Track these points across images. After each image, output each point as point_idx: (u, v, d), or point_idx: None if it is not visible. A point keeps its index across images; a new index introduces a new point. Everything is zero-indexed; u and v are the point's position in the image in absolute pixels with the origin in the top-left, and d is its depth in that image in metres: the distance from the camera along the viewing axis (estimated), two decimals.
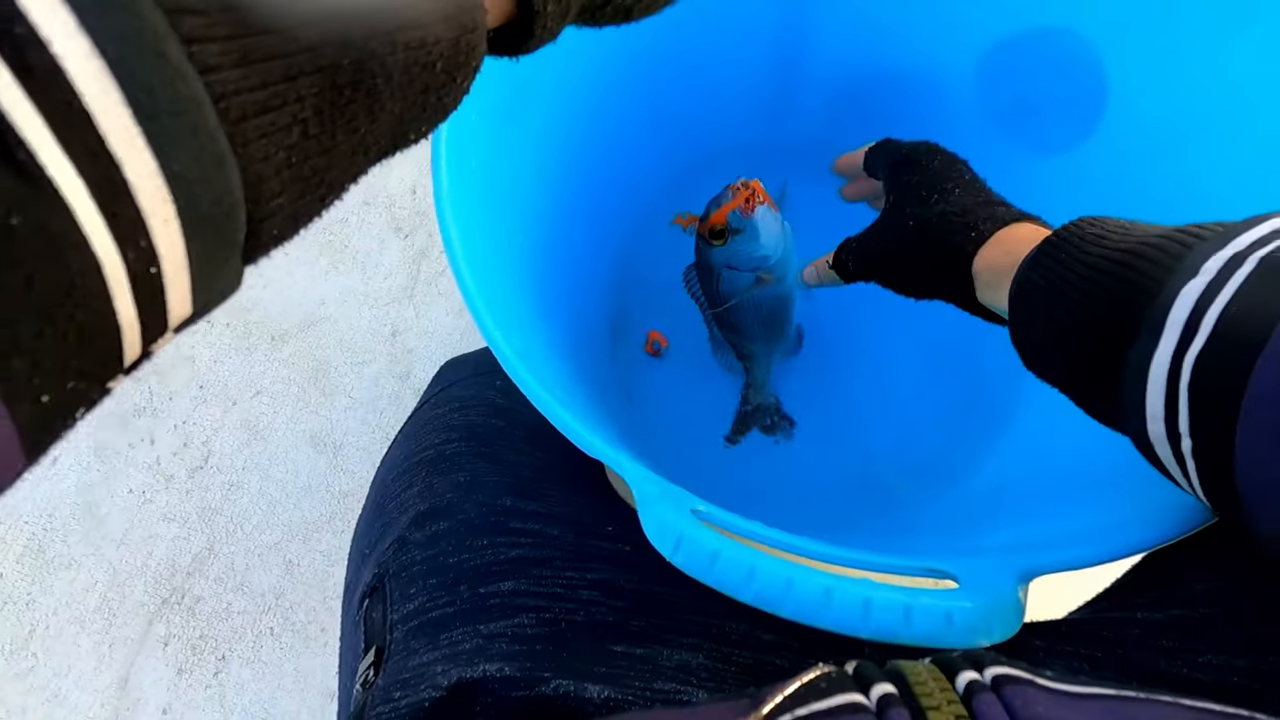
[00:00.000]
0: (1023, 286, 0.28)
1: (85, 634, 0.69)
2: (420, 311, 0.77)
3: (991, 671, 0.16)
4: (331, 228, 0.79)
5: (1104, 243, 0.25)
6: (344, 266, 0.78)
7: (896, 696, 0.15)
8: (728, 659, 0.31)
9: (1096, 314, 0.24)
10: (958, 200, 0.35)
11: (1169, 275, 0.21)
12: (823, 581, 0.23)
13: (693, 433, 0.59)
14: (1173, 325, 0.20)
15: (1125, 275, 0.23)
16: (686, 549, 0.24)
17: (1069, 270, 0.25)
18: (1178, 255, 0.22)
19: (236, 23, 0.12)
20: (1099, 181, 0.50)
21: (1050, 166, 0.53)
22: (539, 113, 0.47)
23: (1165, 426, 0.21)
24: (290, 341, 0.77)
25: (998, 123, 0.56)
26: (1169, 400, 0.21)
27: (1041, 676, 0.16)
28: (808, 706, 0.15)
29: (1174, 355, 0.20)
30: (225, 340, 0.77)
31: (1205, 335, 0.20)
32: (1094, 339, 0.24)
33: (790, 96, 0.61)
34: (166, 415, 0.75)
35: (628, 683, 0.29)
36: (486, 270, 0.37)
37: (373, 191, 0.81)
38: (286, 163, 0.14)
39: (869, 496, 0.55)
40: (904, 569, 0.27)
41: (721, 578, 0.24)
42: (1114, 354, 0.23)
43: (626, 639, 0.31)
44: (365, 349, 0.76)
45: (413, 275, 0.78)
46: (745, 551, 0.24)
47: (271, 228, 0.14)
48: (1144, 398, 0.21)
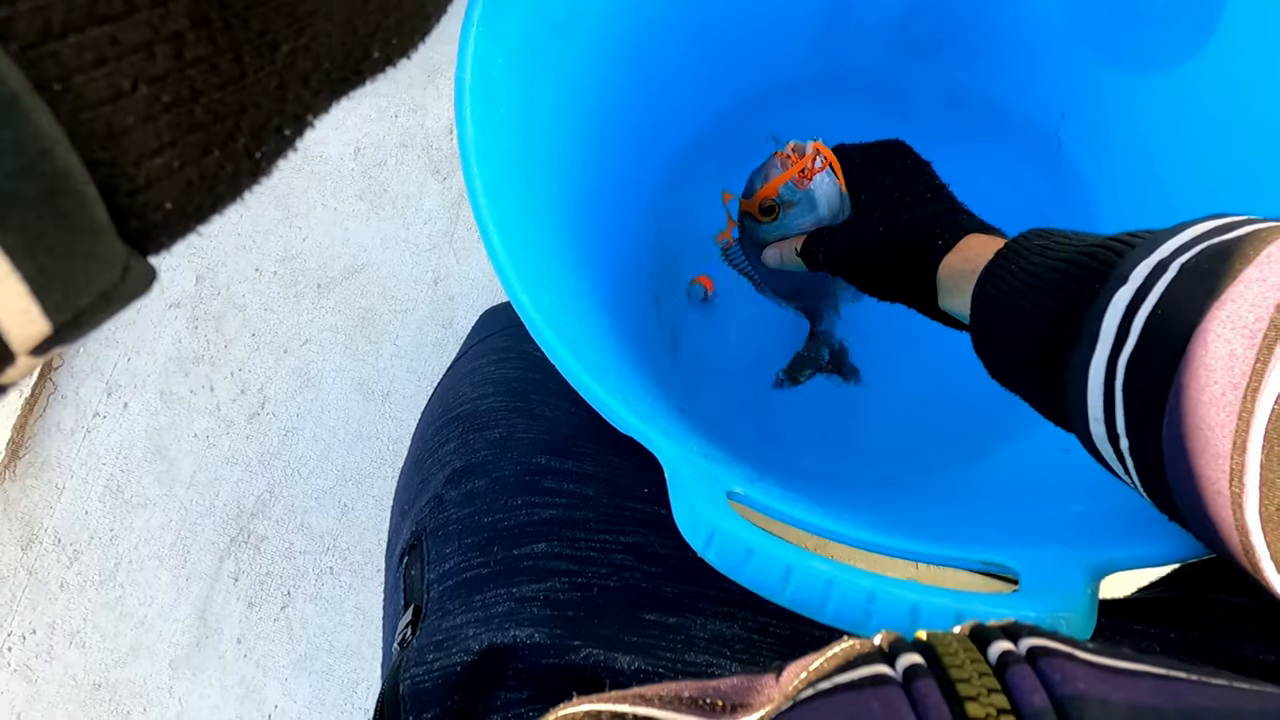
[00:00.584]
0: (980, 299, 0.29)
1: (164, 568, 0.74)
2: (461, 258, 0.76)
3: (1027, 643, 0.15)
4: (370, 171, 0.78)
5: (1049, 253, 0.26)
6: (384, 212, 0.77)
7: (924, 667, 0.15)
8: (764, 629, 0.30)
9: (1043, 322, 0.25)
10: (925, 207, 0.36)
11: (1103, 283, 0.23)
12: (866, 585, 0.21)
13: (741, 381, 0.57)
14: (1106, 331, 0.22)
15: (1065, 284, 0.24)
16: (720, 544, 0.23)
17: (1018, 280, 0.27)
18: (1110, 263, 0.23)
19: None
20: (1207, 106, 0.44)
21: (1149, 86, 0.47)
22: (573, 49, 0.43)
23: (1105, 427, 0.22)
24: (335, 289, 0.77)
25: (1088, 38, 0.49)
26: (1106, 402, 0.22)
27: (1082, 649, 0.14)
28: (830, 680, 0.15)
29: (1109, 359, 0.22)
30: (273, 289, 0.78)
31: (1134, 339, 0.21)
32: (1042, 345, 0.25)
33: (845, 18, 0.55)
34: (223, 363, 0.77)
35: (659, 653, 0.28)
36: (516, 224, 0.35)
37: (410, 133, 0.78)
38: (156, 102, 0.10)
39: (925, 451, 0.53)
40: (961, 562, 0.25)
41: (756, 577, 0.22)
42: (1060, 359, 0.24)
43: (660, 607, 0.30)
44: (408, 297, 0.76)
45: (452, 220, 0.76)
46: (782, 548, 0.22)
47: (162, 198, 0.10)
48: (1085, 400, 0.23)
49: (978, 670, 0.14)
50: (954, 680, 0.14)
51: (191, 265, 0.79)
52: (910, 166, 0.39)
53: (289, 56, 0.11)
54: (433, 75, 0.79)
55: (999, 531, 0.31)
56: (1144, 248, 0.23)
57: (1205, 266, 0.20)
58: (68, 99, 0.09)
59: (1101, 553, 0.25)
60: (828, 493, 0.42)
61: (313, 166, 0.79)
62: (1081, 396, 0.23)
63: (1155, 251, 0.22)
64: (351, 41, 0.12)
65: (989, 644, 0.15)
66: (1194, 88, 0.44)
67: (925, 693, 0.14)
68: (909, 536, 0.27)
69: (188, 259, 0.79)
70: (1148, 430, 0.21)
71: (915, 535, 0.27)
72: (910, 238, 0.35)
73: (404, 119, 0.79)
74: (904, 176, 0.39)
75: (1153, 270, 0.21)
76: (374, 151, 0.78)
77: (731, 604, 0.30)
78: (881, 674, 0.15)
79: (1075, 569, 0.24)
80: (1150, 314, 0.21)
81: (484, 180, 0.33)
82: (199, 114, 0.10)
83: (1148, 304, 0.21)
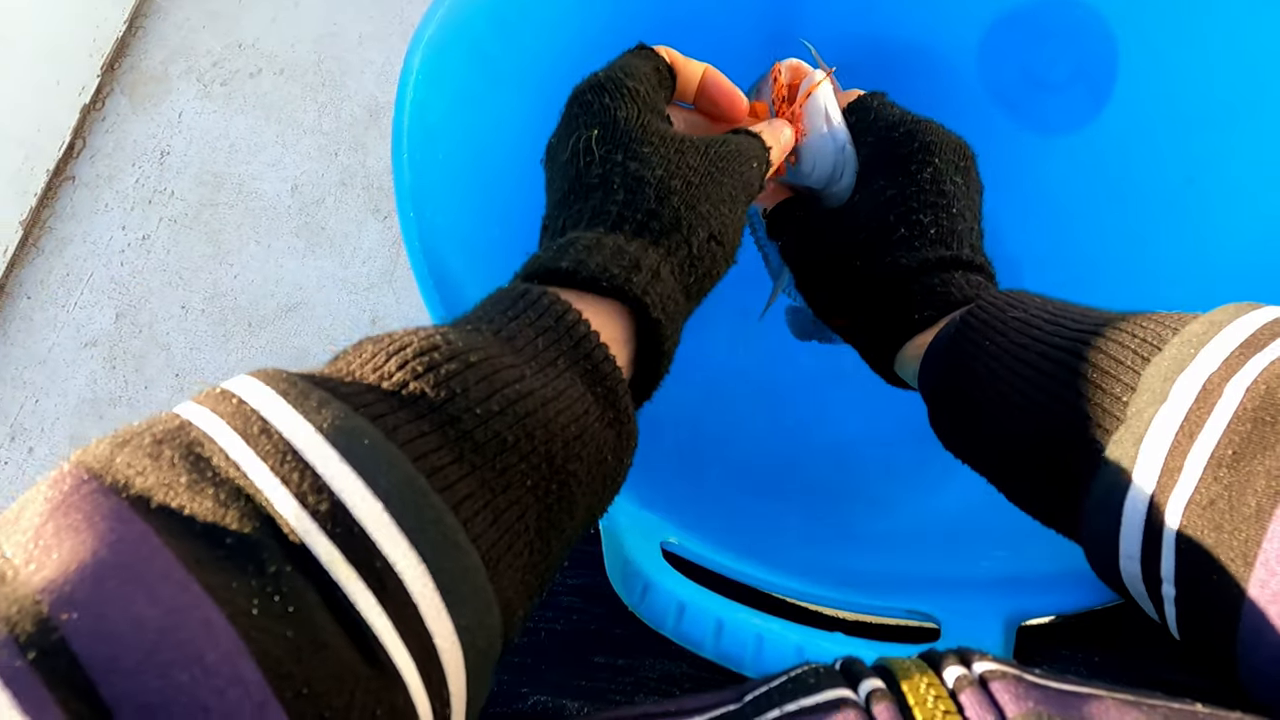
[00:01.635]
0: (939, 381, 0.25)
1: None
2: (400, 297, 0.74)
3: (980, 667, 0.15)
4: (308, 208, 0.77)
5: (1032, 333, 0.22)
6: (321, 250, 0.76)
7: (884, 690, 0.15)
8: (712, 667, 0.30)
9: (1041, 430, 0.21)
10: (921, 252, 0.28)
11: (1130, 394, 0.19)
12: (794, 639, 0.22)
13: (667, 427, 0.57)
14: (1149, 459, 0.18)
15: (1073, 383, 0.21)
16: (651, 599, 0.23)
17: (999, 364, 0.23)
18: (1131, 366, 0.20)
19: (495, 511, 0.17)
20: (1106, 165, 0.47)
21: (1056, 147, 0.50)
22: (512, 97, 0.44)
23: (1142, 568, 0.19)
24: (267, 328, 0.74)
25: (1001, 101, 0.52)
26: (1149, 543, 0.19)
27: (1030, 673, 0.15)
28: (796, 702, 0.15)
29: (1153, 496, 0.18)
30: (201, 327, 0.75)
31: (1196, 481, 0.18)
32: (1042, 461, 0.22)
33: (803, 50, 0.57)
34: (144, 405, 0.73)
35: (609, 696, 0.28)
36: (454, 269, 0.35)
37: (350, 172, 0.77)
38: (524, 583, 0.17)
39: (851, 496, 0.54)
40: (885, 610, 0.26)
41: (687, 632, 0.22)
42: (1070, 478, 0.21)
43: (608, 649, 0.30)
44: (344, 336, 0.74)
45: (392, 259, 0.75)
46: (713, 602, 0.22)
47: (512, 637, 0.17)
48: (1117, 535, 0.19)
49: (934, 693, 0.15)
50: (911, 705, 0.15)
51: (111, 302, 0.76)
52: (930, 177, 0.29)
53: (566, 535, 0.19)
54: (375, 114, 0.79)
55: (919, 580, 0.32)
56: (1175, 352, 0.19)
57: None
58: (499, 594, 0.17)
59: (1018, 600, 0.25)
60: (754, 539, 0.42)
61: (246, 203, 0.77)
62: (1110, 532, 0.20)
63: (1193, 363, 0.19)
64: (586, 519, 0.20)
65: (943, 668, 0.16)
66: (1093, 148, 0.48)
67: (886, 716, 0.14)
68: (838, 586, 0.27)
69: (107, 295, 0.76)
70: (1213, 596, 0.17)
71: (843, 585, 0.27)
72: (880, 296, 0.28)
73: (344, 157, 0.78)
74: (916, 190, 0.29)
75: (1203, 390, 0.18)
76: (312, 189, 0.77)
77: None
78: (845, 698, 0.15)
79: (993, 619, 0.25)
80: (1218, 452, 0.17)
81: (420, 226, 0.33)
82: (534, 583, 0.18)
83: (1209, 436, 0.18)
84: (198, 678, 0.11)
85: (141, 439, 0.14)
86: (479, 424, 0.16)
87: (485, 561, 0.16)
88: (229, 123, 0.79)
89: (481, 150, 0.40)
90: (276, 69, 0.80)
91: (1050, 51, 0.48)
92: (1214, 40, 0.40)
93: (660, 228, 0.22)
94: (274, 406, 0.15)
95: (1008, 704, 0.14)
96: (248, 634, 0.12)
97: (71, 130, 0.79)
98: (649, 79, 0.27)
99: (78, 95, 0.80)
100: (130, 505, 0.13)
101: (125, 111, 0.81)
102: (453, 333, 0.18)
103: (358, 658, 0.13)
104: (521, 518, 0.17)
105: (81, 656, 0.11)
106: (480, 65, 0.38)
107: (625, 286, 0.20)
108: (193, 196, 0.78)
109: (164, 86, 0.81)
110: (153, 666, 0.11)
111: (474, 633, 0.15)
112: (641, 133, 0.24)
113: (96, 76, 0.80)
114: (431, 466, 0.15)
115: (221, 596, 0.12)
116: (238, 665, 0.12)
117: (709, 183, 0.24)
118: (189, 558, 0.12)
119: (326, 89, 0.79)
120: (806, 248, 0.32)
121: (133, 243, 0.77)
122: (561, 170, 0.25)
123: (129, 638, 0.11)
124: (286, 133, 0.79)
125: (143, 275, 0.76)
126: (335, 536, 0.14)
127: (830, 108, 0.31)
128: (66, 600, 0.11)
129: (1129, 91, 0.45)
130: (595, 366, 0.19)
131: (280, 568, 0.13)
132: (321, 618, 0.13)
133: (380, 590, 0.14)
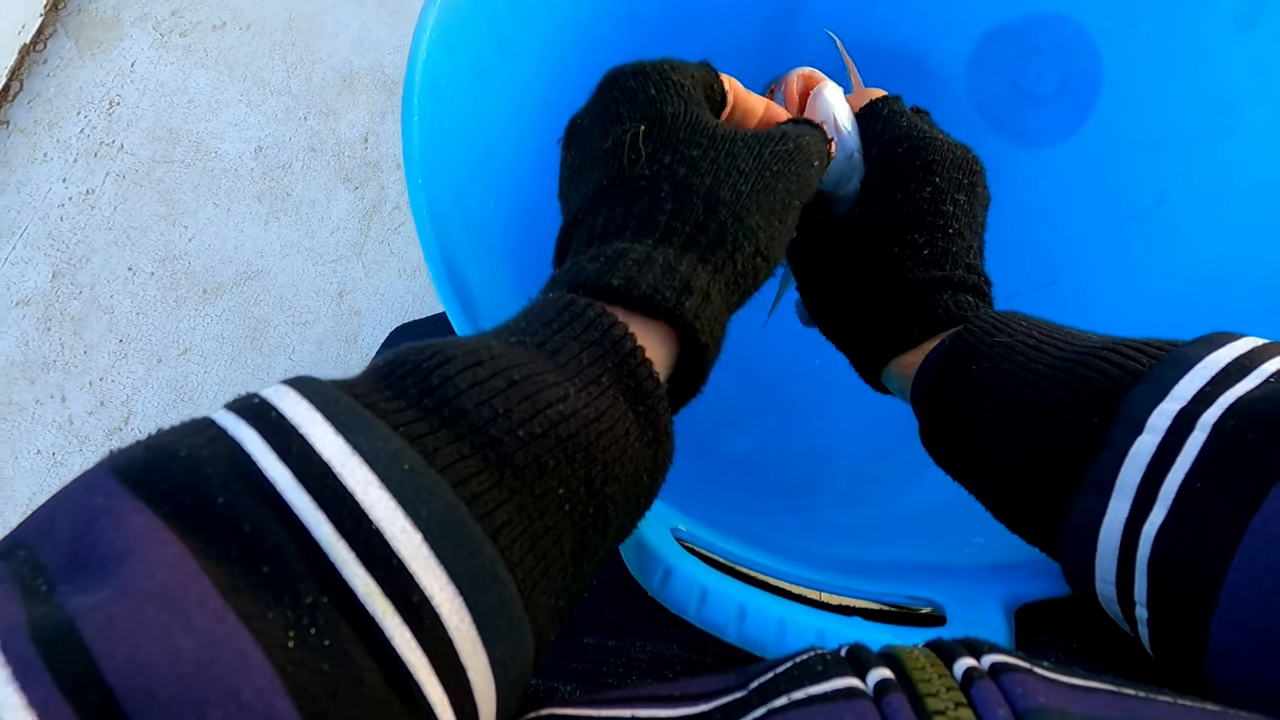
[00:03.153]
0: (927, 403, 0.26)
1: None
2: (370, 271, 0.72)
3: (989, 659, 0.15)
4: (272, 173, 0.73)
5: (1016, 358, 0.23)
6: (285, 217, 0.72)
7: (894, 681, 0.15)
8: (704, 648, 0.30)
9: (1023, 456, 0.22)
10: (911, 272, 0.28)
11: (1105, 421, 0.20)
12: (815, 624, 0.22)
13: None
14: (1123, 488, 0.19)
15: (1055, 411, 0.21)
16: (674, 584, 0.22)
17: (984, 389, 0.23)
18: (1110, 394, 0.20)
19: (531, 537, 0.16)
20: (1086, 178, 0.49)
21: (1037, 160, 0.52)
22: (522, 69, 0.42)
23: (1117, 591, 0.20)
24: (223, 296, 0.71)
25: (986, 113, 0.54)
26: (1123, 569, 0.19)
27: (1040, 666, 0.15)
28: (804, 690, 0.15)
29: (1127, 523, 0.19)
30: (149, 291, 0.70)
31: (1167, 510, 0.18)
32: (1023, 485, 0.22)
33: (782, 56, 0.57)
34: (80, 371, 0.69)
35: (600, 679, 0.27)
36: (459, 241, 0.34)
37: (320, 137, 0.74)
38: (555, 609, 0.17)
39: (836, 481, 0.55)
40: (892, 596, 0.26)
41: (710, 617, 0.22)
42: (1051, 501, 0.22)
43: (598, 630, 0.29)
44: (308, 309, 0.71)
45: (363, 231, 0.73)
46: (735, 587, 0.22)
47: (541, 661, 0.17)
48: (1092, 561, 0.20)
49: (945, 685, 0.15)
50: (923, 695, 0.14)
51: (48, 259, 0.71)
52: (929, 196, 0.29)
53: (597, 555, 0.18)
54: (349, 81, 0.76)
55: (913, 565, 0.33)
56: (1150, 384, 0.20)
57: (1249, 436, 0.18)
58: (533, 623, 0.16)
59: (1013, 585, 0.26)
60: (750, 527, 0.42)
61: (204, 162, 0.73)
62: (1087, 555, 0.20)
63: (1170, 395, 0.19)
64: (617, 540, 0.20)
65: (953, 660, 0.16)
66: (1071, 161, 0.50)
67: (896, 707, 0.14)
68: (841, 573, 0.28)
69: (43, 251, 0.70)
70: (1183, 618, 0.18)
71: (846, 572, 0.28)
72: (869, 314, 0.29)
73: (314, 122, 0.74)
74: (914, 209, 0.29)
75: (1176, 422, 0.19)
76: (278, 152, 0.73)
77: (670, 624, 0.30)
78: (854, 687, 0.15)
79: (993, 602, 0.26)
80: (1187, 484, 0.18)
81: (429, 195, 0.31)
82: (564, 607, 0.17)
83: (1180, 468, 0.18)
84: (232, 715, 0.11)
85: (177, 450, 0.14)
86: (520, 447, 0.16)
87: (521, 591, 0.16)
88: (188, 76, 0.75)
89: (488, 122, 0.39)
90: (242, 24, 0.76)
91: (1038, 66, 0.49)
92: (1193, 61, 0.42)
93: (708, 241, 0.22)
94: (314, 425, 0.15)
95: (1019, 698, 0.14)
96: (283, 669, 0.12)
97: (8, 71, 0.73)
98: (697, 79, 0.26)
99: (16, 34, 0.73)
100: (166, 524, 0.12)
101: (70, 55, 0.75)
102: (496, 345, 0.18)
103: (391, 694, 0.13)
104: (557, 543, 0.17)
105: (117, 690, 0.11)
106: (492, 35, 0.37)
107: (677, 310, 0.20)
108: (144, 152, 0.73)
109: (115, 33, 0.76)
110: (188, 702, 0.11)
111: (508, 665, 0.15)
112: (690, 132, 0.23)
113: (39, 16, 0.74)
114: (472, 493, 0.15)
115: (258, 627, 0.12)
116: (273, 703, 0.11)
117: (761, 191, 0.23)
118: (225, 584, 0.12)
119: (297, 49, 0.76)
120: (806, 254, 0.32)
121: (74, 197, 0.72)
122: (600, 160, 0.24)
123: (165, 671, 0.11)
124: (251, 92, 0.75)
125: (85, 232, 0.71)
126: (373, 568, 0.13)
127: (840, 114, 0.31)
128: (102, 629, 0.11)
129: (1107, 108, 0.47)
130: (639, 384, 0.19)
131: (317, 599, 0.13)
132: (357, 651, 0.13)
133: (417, 626, 0.13)
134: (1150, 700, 0.14)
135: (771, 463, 0.54)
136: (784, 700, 0.15)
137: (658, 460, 0.20)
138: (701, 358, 0.22)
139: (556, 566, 0.17)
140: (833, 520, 0.46)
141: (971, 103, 0.54)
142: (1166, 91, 0.44)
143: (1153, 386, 0.20)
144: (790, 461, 0.55)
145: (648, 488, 0.20)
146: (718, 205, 0.22)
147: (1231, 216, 0.43)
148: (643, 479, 0.19)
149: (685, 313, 0.20)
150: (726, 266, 0.22)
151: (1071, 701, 0.14)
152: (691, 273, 0.21)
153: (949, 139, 0.32)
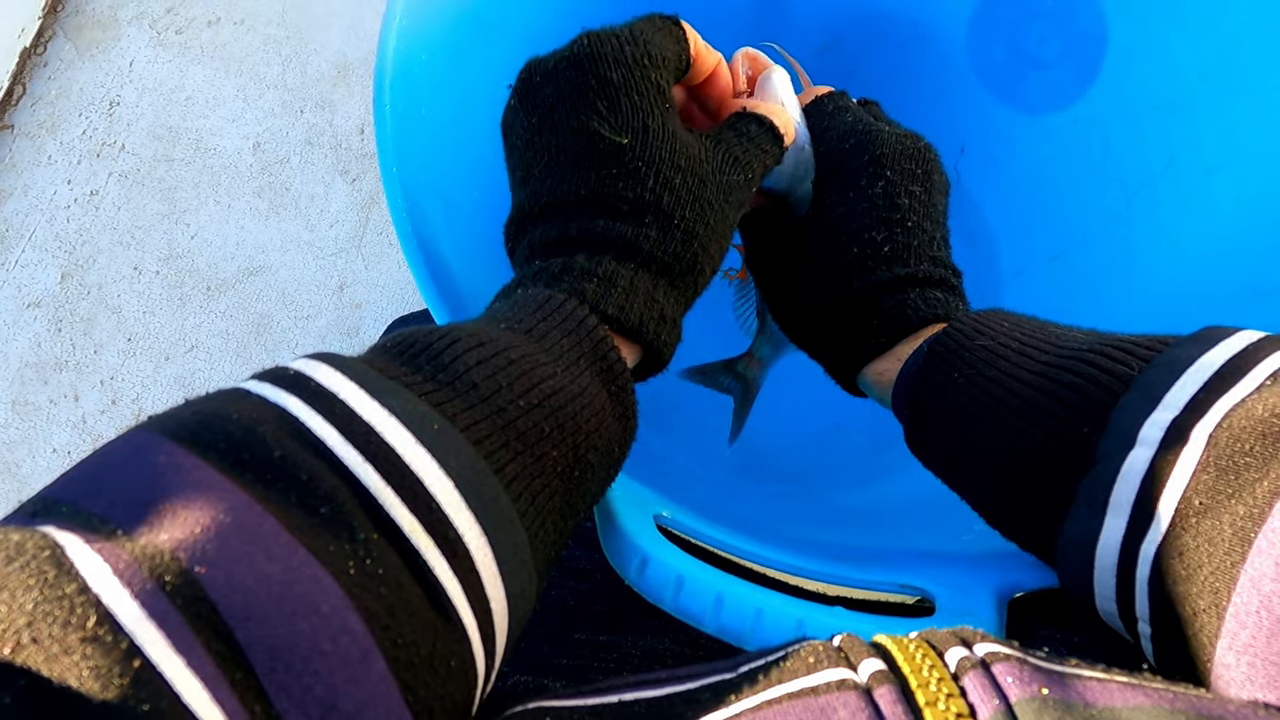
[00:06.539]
0: (910, 411, 0.25)
1: None
2: (370, 263, 0.72)
3: (982, 649, 0.15)
4: (270, 168, 0.73)
5: (1000, 365, 0.22)
6: (285, 212, 0.72)
7: (886, 673, 0.15)
8: (695, 643, 0.29)
9: (1011, 467, 0.21)
10: (874, 273, 0.27)
11: (1095, 431, 0.19)
12: (794, 613, 0.21)
13: (665, 393, 0.57)
14: (1118, 504, 0.19)
15: (1042, 422, 0.21)
16: (650, 573, 0.22)
17: (968, 398, 0.22)
18: (1100, 403, 0.20)
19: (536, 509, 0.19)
20: (1092, 146, 0.48)
21: (1041, 127, 0.50)
22: (500, 52, 0.42)
23: (1119, 606, 0.19)
24: (227, 293, 0.71)
25: (988, 80, 0.52)
26: (1122, 585, 0.19)
27: (1033, 655, 0.15)
28: (796, 681, 0.15)
29: (1124, 540, 0.19)
30: (155, 290, 0.71)
31: (1163, 527, 0.18)
32: (1015, 497, 0.22)
33: (767, 49, 0.56)
34: (92, 370, 0.70)
35: (591, 674, 0.27)
36: (437, 232, 0.33)
37: (316, 130, 0.74)
38: (546, 559, 0.19)
39: (841, 463, 0.54)
40: (878, 585, 0.26)
41: (686, 606, 0.22)
42: (1044, 516, 0.21)
43: (589, 625, 0.29)
44: (310, 303, 0.71)
45: (361, 223, 0.73)
46: (712, 575, 0.22)
47: (534, 608, 0.19)
48: (1090, 577, 0.20)
49: (935, 676, 0.14)
50: (914, 686, 0.14)
51: (56, 261, 0.71)
52: (882, 191, 0.28)
53: (579, 518, 0.21)
54: (344, 72, 0.75)
55: (908, 553, 0.32)
56: (1141, 391, 0.19)
57: (1248, 449, 0.17)
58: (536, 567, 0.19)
59: (1008, 574, 0.26)
60: (743, 516, 0.42)
61: (204, 159, 0.73)
62: (1084, 571, 0.20)
63: (1161, 404, 0.19)
64: (590, 505, 0.21)
65: (945, 650, 0.15)
66: (1077, 128, 0.48)
67: (888, 699, 0.14)
68: (830, 561, 0.27)
69: (51, 253, 0.71)
70: (1189, 639, 0.17)
71: (835, 560, 0.27)
72: (834, 322, 0.28)
73: (310, 115, 0.74)
74: (868, 207, 0.28)
75: (1169, 434, 0.18)
76: (276, 147, 0.74)
77: (662, 618, 0.30)
78: (845, 679, 0.15)
79: (985, 592, 0.25)
80: (1184, 501, 0.18)
81: (404, 184, 0.31)
82: (553, 556, 0.20)
83: (1176, 484, 0.18)
84: (316, 626, 0.13)
85: (228, 413, 0.15)
86: (522, 414, 0.18)
87: (528, 537, 0.18)
88: (185, 74, 0.75)
89: (470, 109, 0.38)
90: (236, 19, 0.76)
91: (1041, 28, 0.48)
92: (1200, 18, 0.40)
93: (680, 270, 0.24)
94: (351, 392, 0.16)
95: (1011, 687, 0.14)
96: (350, 591, 0.14)
97: (10, 75, 0.74)
98: (670, 64, 0.25)
99: (16, 38, 0.74)
100: (227, 476, 0.14)
101: (70, 57, 0.76)
102: (493, 329, 0.20)
103: (435, 615, 0.15)
104: (551, 499, 0.19)
105: (219, 605, 0.12)
106: (468, 17, 0.37)
107: (654, 342, 0.23)
108: (145, 151, 0.73)
109: (112, 33, 0.76)
110: (278, 614, 0.13)
111: (518, 600, 0.17)
112: (671, 153, 0.24)
113: (37, 19, 0.75)
114: (486, 451, 0.17)
115: (324, 558, 0.14)
116: (346, 618, 0.13)
117: (721, 221, 0.25)
118: (290, 524, 0.14)
119: (291, 42, 0.75)
120: (767, 263, 0.31)
121: (79, 198, 0.73)
122: (568, 146, 0.24)
123: (257, 590, 0.13)
124: (248, 87, 0.75)
125: (91, 233, 0.72)
126: (416, 510, 0.15)
127: (788, 103, 0.29)
128: (201, 556, 0.13)
129: (1112, 73, 0.46)
130: (610, 367, 0.22)
131: (369, 535, 0.15)
132: (405, 579, 0.15)
133: (452, 557, 0.16)
134: (1140, 686, 0.14)
135: (771, 448, 0.53)
136: (777, 691, 0.15)
137: (625, 434, 0.22)
138: (660, 366, 0.25)
139: (550, 521, 0.19)
140: (836, 503, 0.46)
141: (973, 69, 0.53)
142: (1173, 51, 0.42)
143: (1143, 394, 0.19)
144: (794, 446, 0.54)
145: (617, 458, 0.22)
146: (692, 238, 0.24)
147: (1243, 181, 0.41)
148: (614, 449, 0.22)
149: (661, 343, 0.24)
150: (689, 290, 0.25)
151: (1066, 691, 0.14)
152: (665, 301, 0.24)
153: (898, 129, 0.30)
